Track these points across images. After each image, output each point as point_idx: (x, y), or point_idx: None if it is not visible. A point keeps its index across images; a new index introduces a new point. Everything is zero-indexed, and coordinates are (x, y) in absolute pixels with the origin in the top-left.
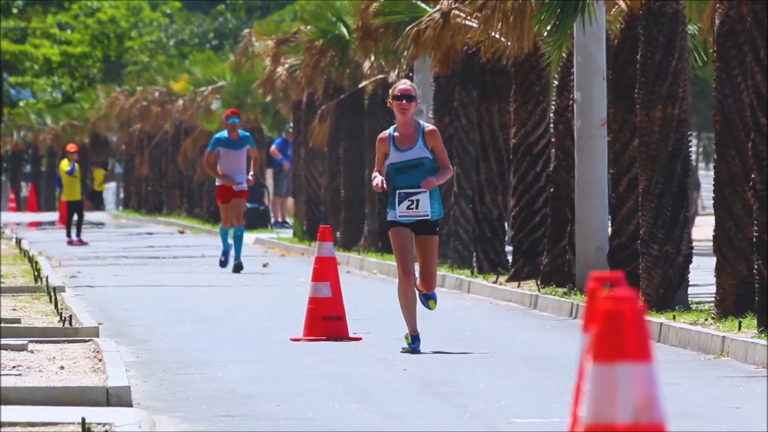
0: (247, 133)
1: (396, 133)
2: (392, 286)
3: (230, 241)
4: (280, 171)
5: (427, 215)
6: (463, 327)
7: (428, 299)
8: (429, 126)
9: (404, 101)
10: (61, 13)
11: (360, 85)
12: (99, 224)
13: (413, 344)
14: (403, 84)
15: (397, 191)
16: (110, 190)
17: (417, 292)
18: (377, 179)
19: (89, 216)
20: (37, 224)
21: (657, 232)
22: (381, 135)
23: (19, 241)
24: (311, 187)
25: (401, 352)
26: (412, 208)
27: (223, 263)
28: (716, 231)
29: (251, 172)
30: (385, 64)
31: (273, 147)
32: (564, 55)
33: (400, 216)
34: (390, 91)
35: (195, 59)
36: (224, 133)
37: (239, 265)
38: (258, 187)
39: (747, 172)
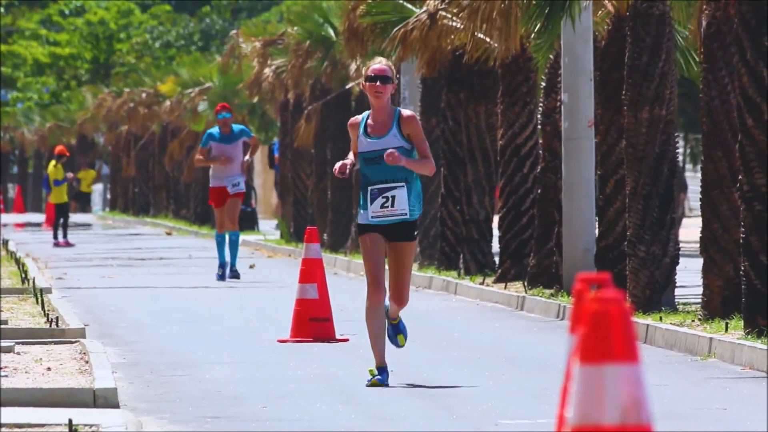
0: (242, 126)
1: (370, 120)
2: None
3: (226, 251)
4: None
5: (405, 214)
6: (450, 328)
7: (398, 333)
8: (406, 111)
9: (378, 83)
10: (47, 11)
11: (347, 86)
12: (86, 226)
13: (381, 376)
14: (378, 63)
15: (369, 188)
16: (97, 192)
17: (386, 321)
18: (339, 163)
19: (76, 217)
20: (23, 225)
21: (644, 234)
22: (352, 119)
23: (5, 243)
24: (298, 188)
25: (367, 385)
26: (387, 207)
27: (221, 277)
28: (703, 232)
29: (247, 157)
30: None
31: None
32: (551, 56)
33: (373, 217)
34: (363, 71)
35: (182, 61)
36: (216, 129)
37: (235, 273)
38: (246, 189)
39: (734, 174)
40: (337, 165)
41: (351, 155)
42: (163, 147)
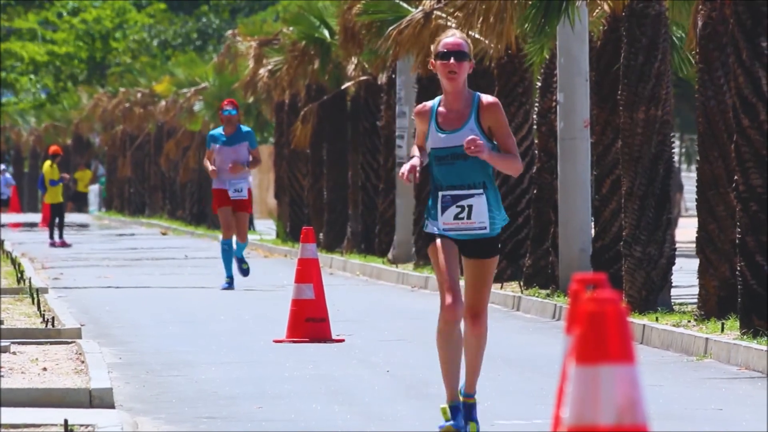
0: (249, 129)
1: (441, 108)
2: (375, 288)
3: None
4: None
5: (484, 228)
6: None
7: (469, 419)
8: (488, 97)
9: (452, 60)
10: (44, 12)
11: (343, 87)
12: (82, 226)
13: (455, 420)
14: (451, 36)
15: (440, 193)
16: (93, 192)
17: (462, 349)
18: (407, 164)
19: (73, 218)
20: (19, 226)
21: (640, 234)
22: (420, 107)
23: (1, 243)
24: (294, 188)
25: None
26: (462, 218)
27: (229, 285)
28: (699, 233)
29: (247, 169)
30: (368, 66)
31: None
32: (547, 56)
33: (444, 229)
34: (433, 46)
35: (178, 60)
36: (219, 129)
37: (243, 263)
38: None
39: (730, 174)
40: (405, 168)
41: (415, 150)
42: (158, 147)
